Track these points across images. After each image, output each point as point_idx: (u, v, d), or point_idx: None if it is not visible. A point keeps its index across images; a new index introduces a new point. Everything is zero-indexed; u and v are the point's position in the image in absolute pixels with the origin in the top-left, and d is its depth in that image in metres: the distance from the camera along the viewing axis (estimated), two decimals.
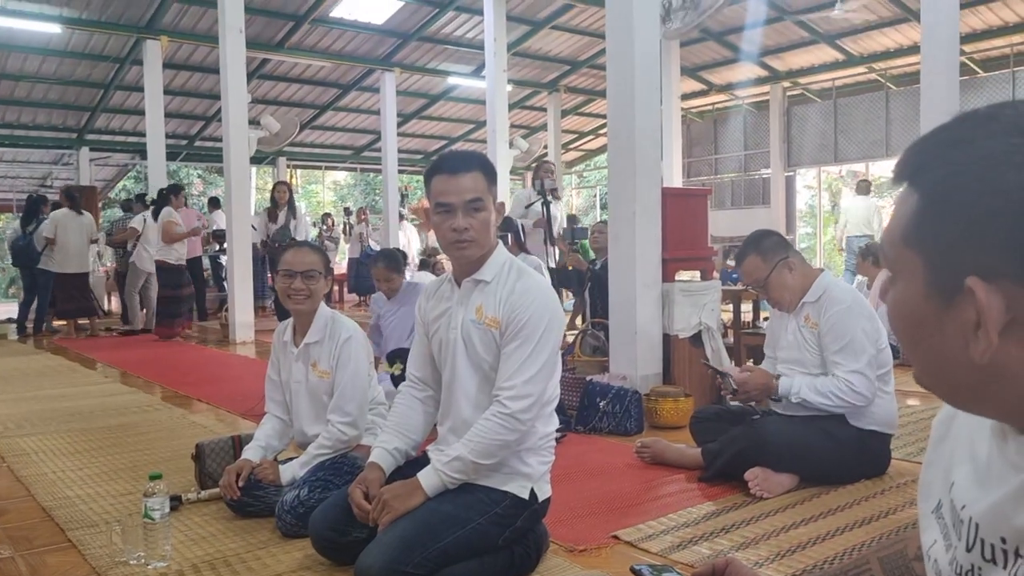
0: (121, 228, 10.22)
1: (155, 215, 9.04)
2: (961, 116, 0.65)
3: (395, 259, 4.52)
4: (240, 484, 2.68)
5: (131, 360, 7.10)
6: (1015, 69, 12.42)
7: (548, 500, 2.19)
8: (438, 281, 2.26)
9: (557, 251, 6.73)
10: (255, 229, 9.38)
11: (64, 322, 9.73)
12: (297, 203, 9.25)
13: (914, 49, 11.27)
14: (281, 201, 8.83)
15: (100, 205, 14.15)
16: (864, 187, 11.66)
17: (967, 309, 0.60)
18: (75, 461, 3.65)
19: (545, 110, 16.14)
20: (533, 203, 6.80)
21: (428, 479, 2.02)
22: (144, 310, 9.71)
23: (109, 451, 3.82)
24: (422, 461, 2.18)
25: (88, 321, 9.53)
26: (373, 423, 2.83)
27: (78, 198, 9.50)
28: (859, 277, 8.61)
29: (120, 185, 20.00)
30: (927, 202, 0.63)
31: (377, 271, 4.49)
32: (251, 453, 2.81)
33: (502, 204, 2.17)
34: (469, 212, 2.04)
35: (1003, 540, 0.64)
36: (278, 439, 2.91)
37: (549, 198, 6.56)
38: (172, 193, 9.28)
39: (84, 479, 3.35)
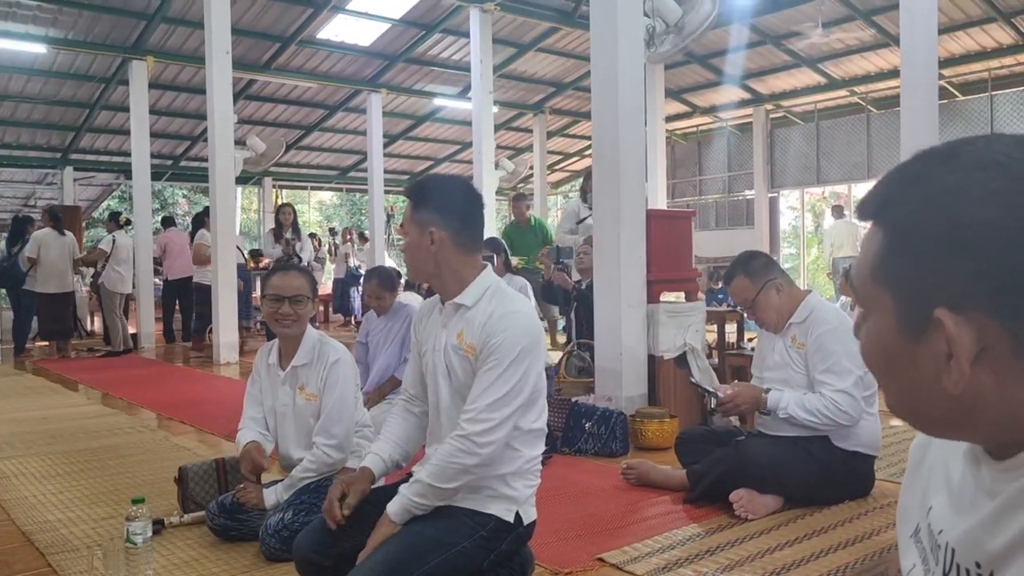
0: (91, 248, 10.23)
1: (192, 236, 9.02)
2: (921, 153, 0.66)
3: (388, 277, 4.49)
4: (262, 466, 2.71)
5: (113, 381, 7.04)
6: (993, 93, 12.63)
7: (533, 523, 2.18)
8: (432, 301, 2.27)
9: None
10: (239, 249, 9.36)
11: (46, 342, 9.66)
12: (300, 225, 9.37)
13: (894, 73, 11.44)
14: (286, 223, 8.91)
15: (84, 225, 14.07)
16: (839, 211, 12.57)
17: (938, 341, 0.62)
18: (56, 484, 3.61)
19: (531, 131, 16.23)
20: (585, 218, 6.12)
21: (393, 505, 2.02)
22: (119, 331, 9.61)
23: (91, 474, 3.79)
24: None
25: (65, 342, 9.46)
26: (359, 446, 2.82)
27: (60, 218, 9.45)
28: (843, 298, 8.73)
29: (104, 205, 19.90)
30: (892, 238, 0.65)
31: (369, 287, 4.47)
32: (252, 435, 2.79)
33: (435, 231, 2.08)
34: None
35: (978, 565, 0.65)
36: (263, 440, 2.88)
37: None
38: (206, 215, 9.24)
39: (65, 502, 3.31)
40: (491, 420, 1.97)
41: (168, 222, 11.27)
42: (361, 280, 13.51)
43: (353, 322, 13.07)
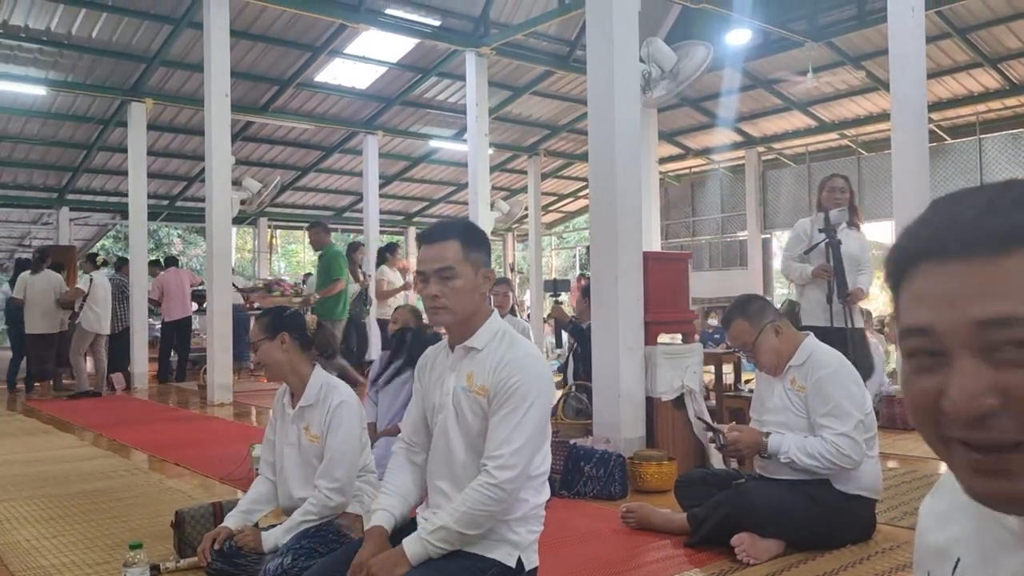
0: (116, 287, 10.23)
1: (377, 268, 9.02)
2: (989, 186, 0.64)
3: (416, 311, 4.47)
4: (216, 547, 2.65)
5: (106, 422, 6.97)
6: (981, 136, 12.81)
7: (535, 570, 2.17)
8: (437, 347, 2.28)
9: (851, 311, 4.85)
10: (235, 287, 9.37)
11: (39, 383, 9.61)
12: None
13: (884, 116, 11.61)
14: (357, 261, 8.86)
15: (78, 264, 14.05)
16: None
17: None
18: (50, 528, 3.57)
19: (525, 173, 16.36)
20: (816, 244, 4.95)
21: (413, 547, 2.00)
22: (96, 372, 9.47)
23: (85, 518, 3.74)
24: (409, 527, 2.17)
25: (58, 381, 9.40)
26: (360, 490, 2.80)
27: (41, 259, 9.41)
28: None
29: (99, 244, 19.90)
30: None
31: (399, 312, 4.46)
32: (232, 521, 2.78)
33: (491, 271, 2.16)
34: (440, 280, 2.06)
35: None
36: (265, 503, 2.89)
37: (837, 235, 4.83)
38: (389, 251, 9.26)
39: (59, 547, 3.27)
40: (518, 466, 1.99)
41: (170, 262, 11.26)
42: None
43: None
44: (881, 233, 13.77)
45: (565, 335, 6.16)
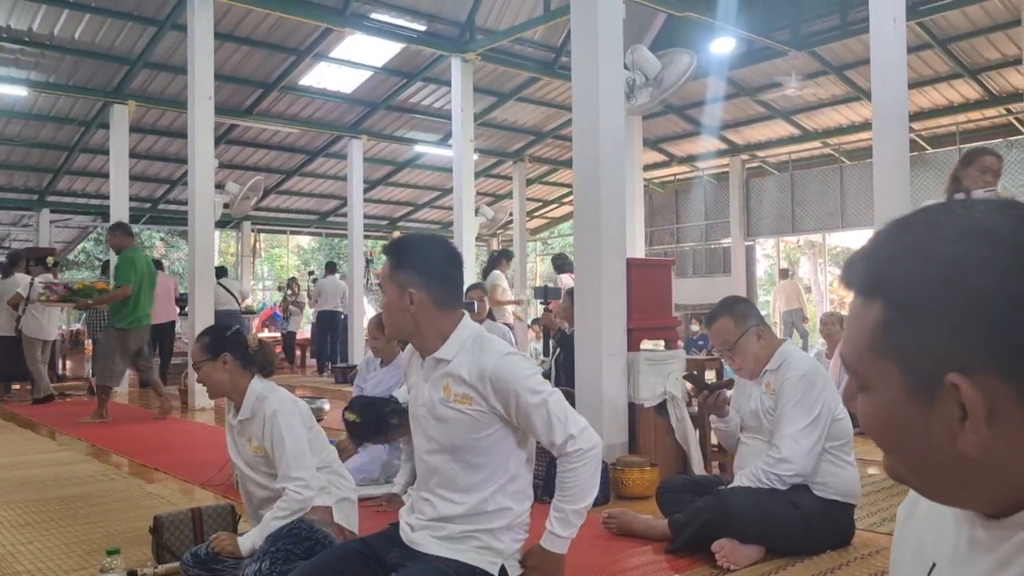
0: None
1: (484, 276, 8.89)
2: (900, 224, 0.68)
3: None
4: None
5: (85, 426, 6.90)
6: (961, 146, 12.94)
7: None
8: (411, 348, 2.29)
9: None
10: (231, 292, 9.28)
11: (18, 386, 9.51)
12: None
13: (866, 125, 11.72)
14: None
15: (59, 267, 13.91)
16: (784, 273, 14.54)
17: (950, 405, 0.62)
18: (26, 534, 3.53)
19: (510, 178, 16.38)
20: None
21: (560, 546, 2.14)
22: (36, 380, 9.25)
23: (62, 523, 3.70)
24: (390, 534, 2.18)
25: (33, 385, 9.29)
26: (329, 482, 2.80)
27: (13, 263, 9.25)
28: (819, 346, 8.88)
29: (80, 247, 19.75)
30: (896, 312, 0.65)
31: (369, 325, 4.46)
32: None
33: (416, 294, 2.06)
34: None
35: None
36: None
37: None
38: (504, 257, 9.11)
39: (35, 553, 3.24)
40: (586, 429, 2.13)
41: (156, 266, 11.17)
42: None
43: (329, 367, 12.96)
44: (862, 242, 13.97)
45: (553, 344, 6.16)
